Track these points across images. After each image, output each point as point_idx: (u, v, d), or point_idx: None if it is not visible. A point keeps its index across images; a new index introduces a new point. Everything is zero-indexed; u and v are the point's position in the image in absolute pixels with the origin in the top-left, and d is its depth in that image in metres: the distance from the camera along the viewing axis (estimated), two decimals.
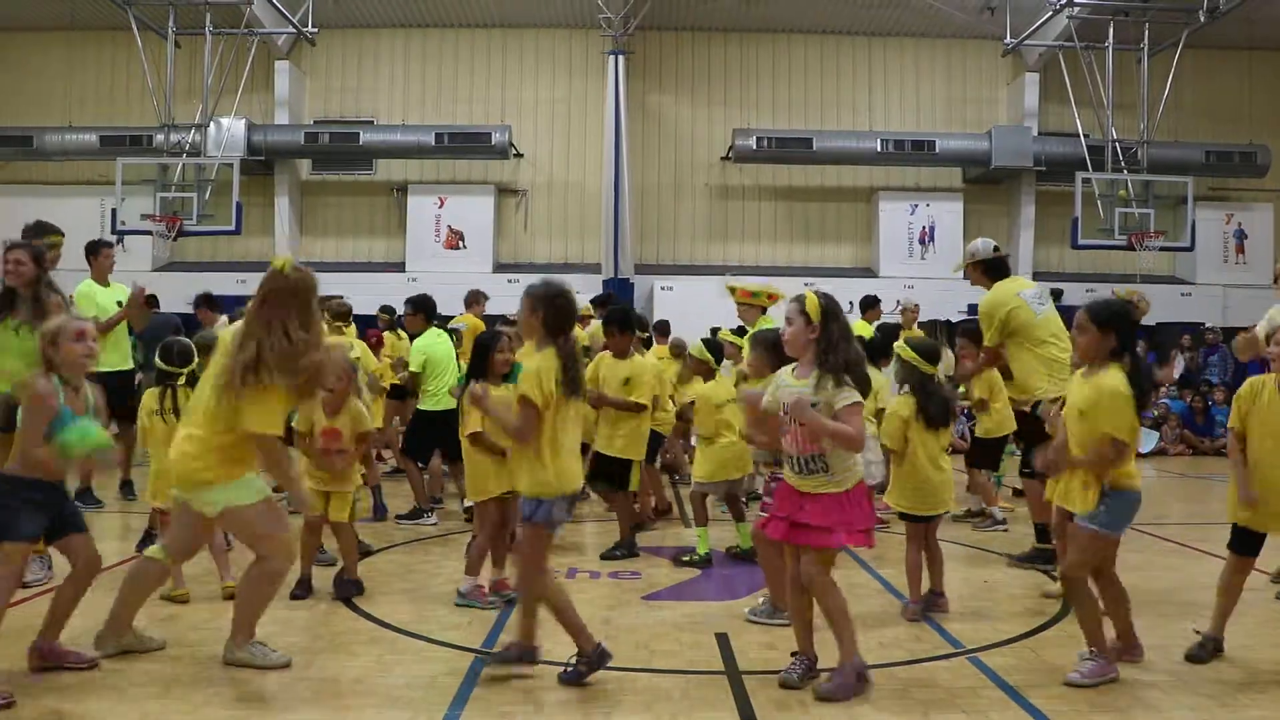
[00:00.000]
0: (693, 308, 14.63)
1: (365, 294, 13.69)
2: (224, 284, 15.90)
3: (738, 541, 7.01)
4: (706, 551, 6.82)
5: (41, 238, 6.90)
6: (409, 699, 4.19)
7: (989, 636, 5.04)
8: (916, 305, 11.37)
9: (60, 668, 4.39)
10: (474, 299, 10.89)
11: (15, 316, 5.85)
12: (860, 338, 4.89)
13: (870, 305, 11.19)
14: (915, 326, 10.94)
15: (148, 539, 6.40)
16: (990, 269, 6.79)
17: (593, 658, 4.40)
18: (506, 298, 10.37)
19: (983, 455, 8.53)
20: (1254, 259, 18.25)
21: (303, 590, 5.82)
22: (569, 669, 4.39)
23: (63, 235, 7.13)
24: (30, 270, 5.94)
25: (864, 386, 4.35)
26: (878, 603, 5.92)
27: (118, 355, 8.31)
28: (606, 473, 7.32)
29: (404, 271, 17.63)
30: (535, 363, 4.37)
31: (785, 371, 4.51)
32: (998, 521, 8.25)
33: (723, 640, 5.07)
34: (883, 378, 7.36)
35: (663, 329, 12.19)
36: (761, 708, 4.14)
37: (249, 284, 15.97)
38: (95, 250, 8.50)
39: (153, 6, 16.79)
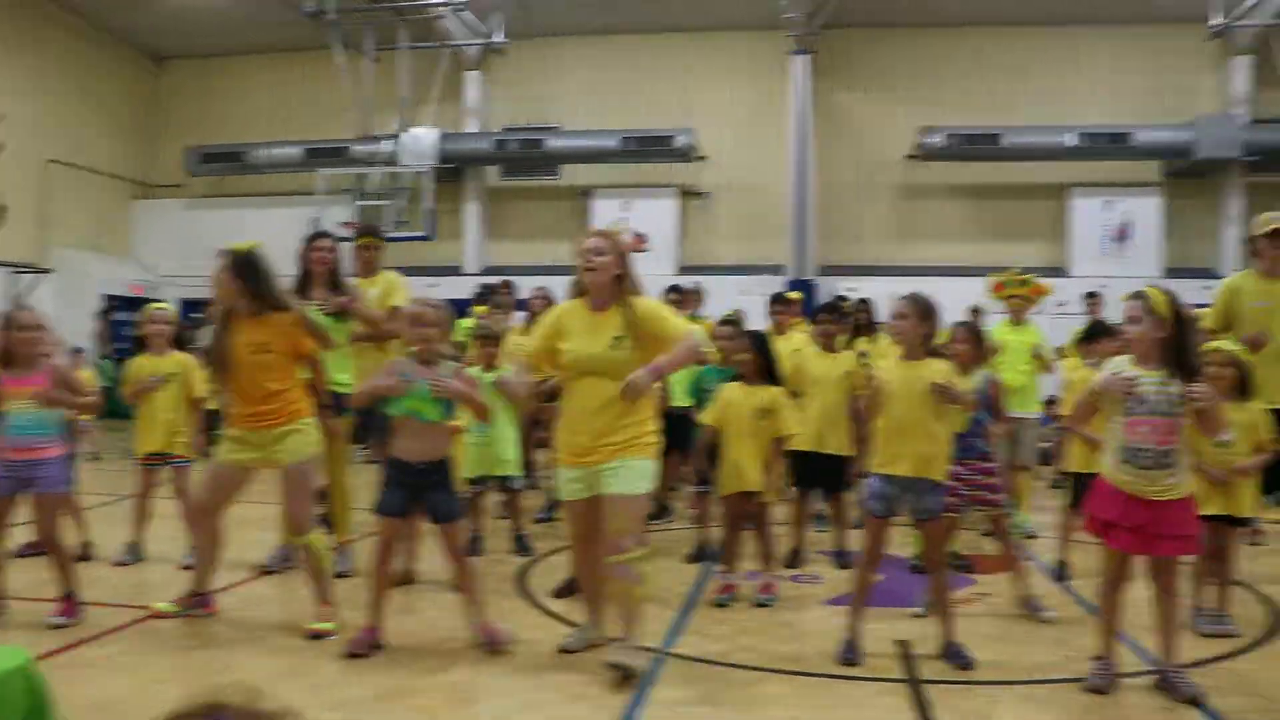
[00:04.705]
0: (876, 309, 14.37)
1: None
2: (417, 288, 16.52)
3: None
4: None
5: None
6: (587, 695, 4.27)
7: (1187, 654, 4.78)
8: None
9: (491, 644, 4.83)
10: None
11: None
12: None
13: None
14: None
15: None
16: None
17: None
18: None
19: None
20: None
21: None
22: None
23: (371, 236, 7.27)
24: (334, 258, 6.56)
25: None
26: (1065, 612, 5.73)
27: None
28: (824, 473, 7.02)
29: None
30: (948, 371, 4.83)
31: (1124, 362, 4.37)
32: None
33: (904, 647, 5.00)
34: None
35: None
36: (941, 718, 4.08)
37: (441, 287, 16.58)
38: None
39: (352, 25, 17.61)
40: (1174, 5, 16.52)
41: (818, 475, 7.05)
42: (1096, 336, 6.86)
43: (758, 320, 9.22)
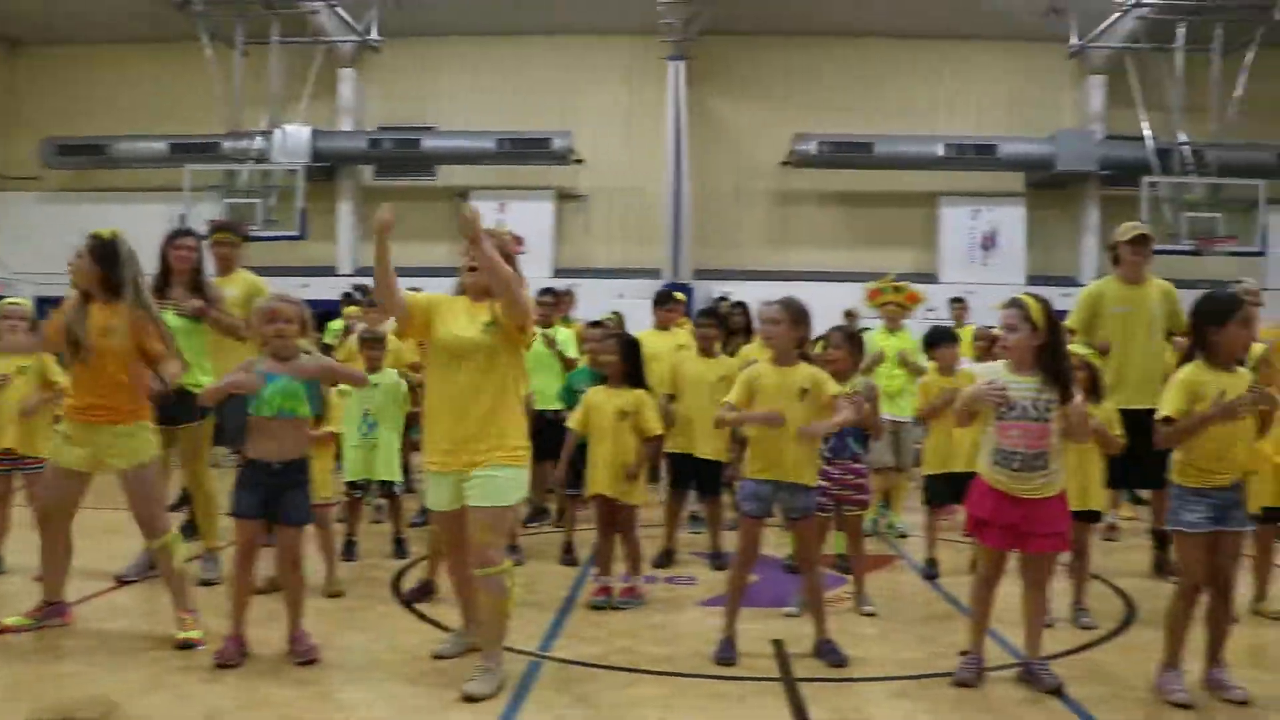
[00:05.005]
0: (751, 312, 14.54)
1: None
2: (287, 289, 16.12)
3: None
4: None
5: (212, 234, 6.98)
6: (462, 702, 4.20)
7: (1048, 647, 4.95)
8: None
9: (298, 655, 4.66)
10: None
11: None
12: None
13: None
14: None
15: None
16: None
17: None
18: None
19: None
20: None
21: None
22: None
23: (228, 231, 7.02)
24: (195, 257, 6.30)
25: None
26: (933, 609, 5.88)
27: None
28: (699, 475, 7.08)
29: None
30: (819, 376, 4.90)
31: (999, 368, 4.49)
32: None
33: (779, 647, 5.06)
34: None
35: None
36: (817, 715, 4.14)
37: (312, 288, 16.13)
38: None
39: (221, 17, 17.11)
40: (1037, 25, 17.10)
41: (693, 477, 7.11)
42: (937, 342, 7.11)
43: (635, 324, 9.23)
